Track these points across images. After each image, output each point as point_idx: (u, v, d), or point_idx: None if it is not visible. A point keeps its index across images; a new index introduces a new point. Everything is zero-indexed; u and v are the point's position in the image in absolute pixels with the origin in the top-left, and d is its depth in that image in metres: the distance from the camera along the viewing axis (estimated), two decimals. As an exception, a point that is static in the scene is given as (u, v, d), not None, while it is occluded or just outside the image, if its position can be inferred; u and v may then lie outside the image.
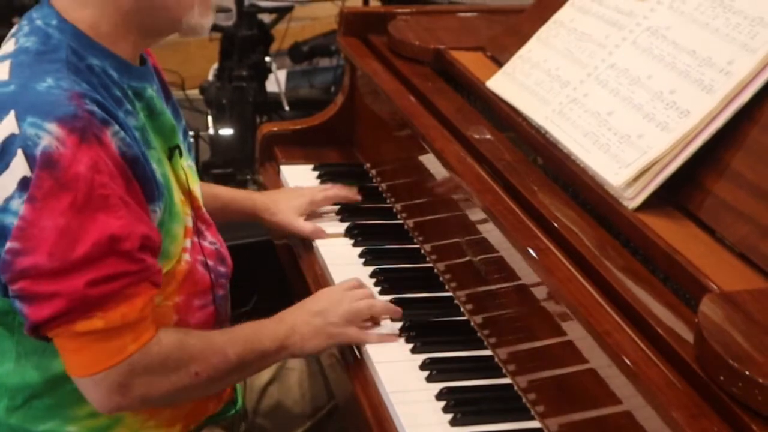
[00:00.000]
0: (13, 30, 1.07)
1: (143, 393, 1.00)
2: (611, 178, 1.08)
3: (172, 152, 1.11)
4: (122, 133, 0.98)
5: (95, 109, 0.96)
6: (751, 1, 1.09)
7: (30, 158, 0.94)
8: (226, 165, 2.70)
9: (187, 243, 1.10)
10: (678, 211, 1.05)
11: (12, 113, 0.95)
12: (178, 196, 1.10)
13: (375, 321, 1.18)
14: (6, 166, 0.94)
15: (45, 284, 0.95)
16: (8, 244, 0.95)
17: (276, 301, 1.21)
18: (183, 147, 1.14)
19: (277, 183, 1.65)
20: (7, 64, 1.00)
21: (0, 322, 1.04)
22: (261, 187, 1.76)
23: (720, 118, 1.04)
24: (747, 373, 0.77)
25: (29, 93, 0.96)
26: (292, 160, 1.68)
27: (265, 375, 1.31)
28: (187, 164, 1.15)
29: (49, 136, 0.93)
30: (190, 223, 1.11)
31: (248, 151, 2.69)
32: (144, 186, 1.01)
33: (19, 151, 0.94)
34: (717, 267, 0.94)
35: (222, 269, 1.17)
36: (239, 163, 2.70)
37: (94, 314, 0.96)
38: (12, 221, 0.95)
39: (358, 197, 1.48)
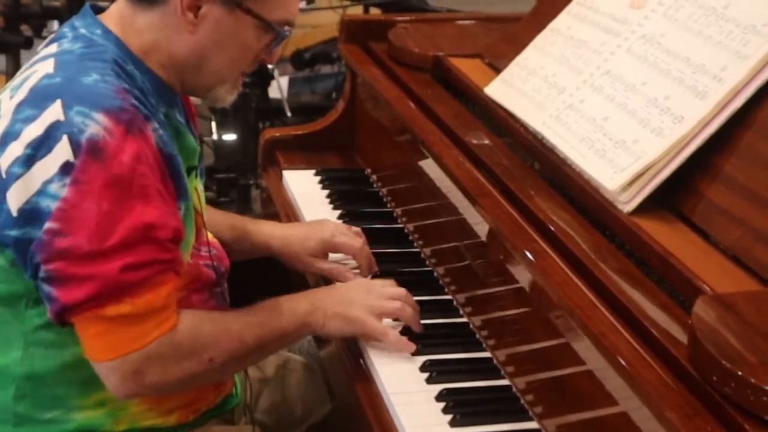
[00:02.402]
0: (52, 36, 1.10)
1: (157, 380, 1.03)
2: (607, 182, 1.10)
3: (189, 171, 1.14)
4: (160, 131, 1.02)
5: (138, 104, 1.00)
6: (743, 10, 1.10)
7: (74, 144, 0.96)
8: (229, 170, 2.72)
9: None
10: (672, 214, 1.07)
11: (58, 102, 0.98)
12: (192, 207, 1.12)
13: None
14: (49, 151, 0.97)
15: (80, 266, 0.97)
16: (47, 224, 0.97)
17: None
18: (199, 170, 1.18)
19: (279, 188, 1.67)
20: (51, 61, 1.04)
21: (9, 309, 1.05)
22: (264, 191, 1.78)
23: (713, 123, 1.06)
24: (740, 373, 0.78)
25: (76, 85, 1.00)
26: (294, 165, 1.70)
27: (266, 371, 1.32)
28: (200, 187, 1.18)
29: (97, 125, 0.97)
30: (193, 238, 1.14)
31: (251, 156, 2.70)
32: (175, 183, 1.05)
33: (64, 137, 0.96)
34: (710, 269, 0.96)
35: (221, 269, 1.20)
36: (242, 168, 2.72)
37: (124, 299, 0.98)
38: (48, 204, 0.97)
39: (374, 267, 1.34)
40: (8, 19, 2.61)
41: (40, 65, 1.04)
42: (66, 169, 0.96)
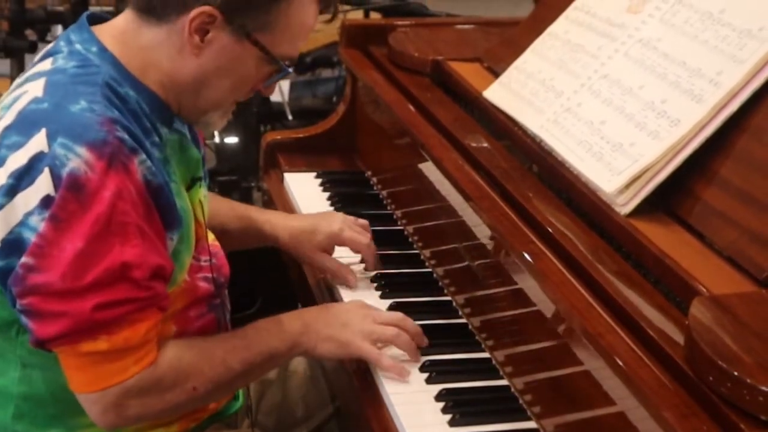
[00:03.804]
0: (48, 48, 1.08)
1: (138, 413, 1.02)
2: (604, 185, 1.11)
3: (193, 182, 1.13)
4: (149, 162, 1.00)
5: (125, 136, 0.98)
6: (739, 14, 1.11)
7: (56, 178, 0.95)
8: (231, 172, 2.73)
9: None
10: (669, 216, 1.08)
11: (43, 131, 0.96)
12: (192, 227, 1.11)
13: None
14: (31, 182, 0.96)
15: (53, 303, 0.96)
16: (23, 259, 0.96)
17: (280, 304, 1.23)
18: (203, 177, 1.16)
19: (280, 190, 1.68)
20: (41, 81, 1.01)
21: (2, 335, 1.05)
22: (265, 193, 1.79)
23: (709, 127, 1.07)
24: (735, 373, 0.79)
25: (62, 113, 0.97)
26: (295, 168, 1.71)
27: (268, 374, 1.31)
28: (203, 194, 1.16)
29: (78, 159, 0.95)
30: (191, 255, 1.12)
31: (252, 159, 2.71)
32: (164, 214, 1.02)
33: (46, 170, 0.95)
34: (706, 271, 0.97)
35: (221, 280, 1.19)
36: (244, 170, 2.73)
37: (99, 336, 0.97)
38: (30, 236, 0.96)
39: (379, 266, 1.34)
40: (13, 23, 2.62)
41: (30, 85, 1.01)
42: (46, 202, 0.95)
